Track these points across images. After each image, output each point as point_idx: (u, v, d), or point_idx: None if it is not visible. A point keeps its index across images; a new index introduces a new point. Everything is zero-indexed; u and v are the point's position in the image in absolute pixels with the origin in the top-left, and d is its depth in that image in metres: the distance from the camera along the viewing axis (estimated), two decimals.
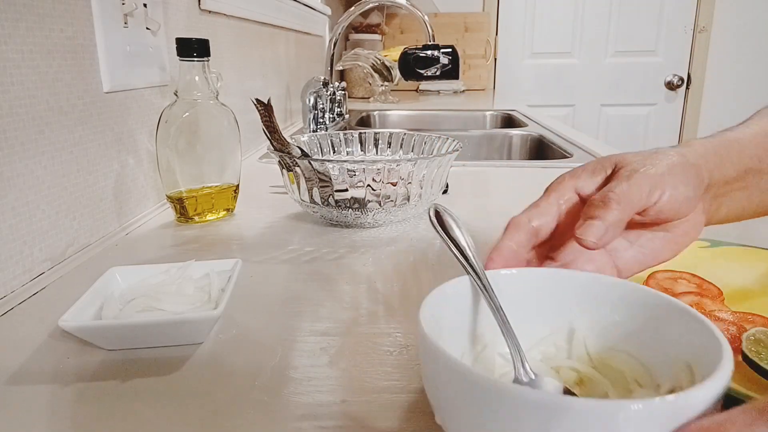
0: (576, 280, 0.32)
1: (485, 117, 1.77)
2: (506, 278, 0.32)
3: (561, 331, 0.32)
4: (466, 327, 0.31)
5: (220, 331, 0.39)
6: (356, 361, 0.36)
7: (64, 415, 0.31)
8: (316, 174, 0.58)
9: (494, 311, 0.30)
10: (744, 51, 2.64)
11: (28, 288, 0.46)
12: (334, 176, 0.58)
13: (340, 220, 0.62)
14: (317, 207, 0.61)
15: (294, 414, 0.30)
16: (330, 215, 0.62)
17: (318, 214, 0.63)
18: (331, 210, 0.60)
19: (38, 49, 0.48)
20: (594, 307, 0.31)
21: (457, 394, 0.24)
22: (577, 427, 0.20)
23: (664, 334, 0.28)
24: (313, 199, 0.60)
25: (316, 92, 1.23)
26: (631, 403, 0.20)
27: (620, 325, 0.30)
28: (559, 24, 2.70)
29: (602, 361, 0.31)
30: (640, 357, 0.29)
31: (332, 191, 0.59)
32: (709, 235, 0.59)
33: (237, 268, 0.44)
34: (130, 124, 0.63)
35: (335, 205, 0.60)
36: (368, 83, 2.07)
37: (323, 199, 0.60)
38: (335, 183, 0.59)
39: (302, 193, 0.61)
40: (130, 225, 0.63)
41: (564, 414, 0.20)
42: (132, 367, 0.35)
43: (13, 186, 0.45)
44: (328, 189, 0.59)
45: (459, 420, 0.24)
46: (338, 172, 0.58)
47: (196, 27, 0.82)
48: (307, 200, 0.61)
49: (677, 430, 0.20)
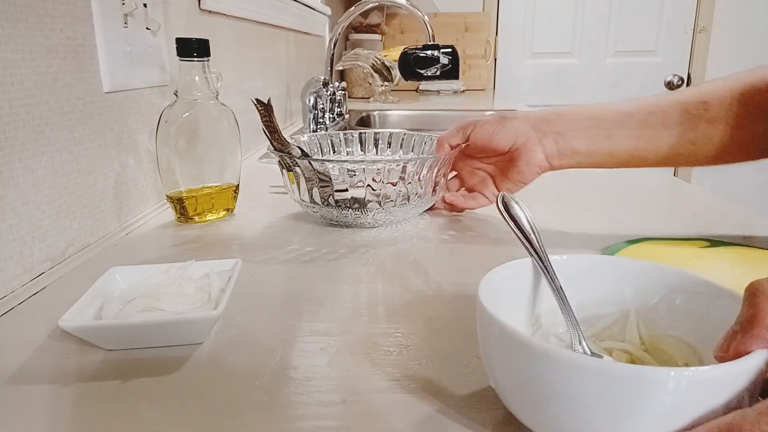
0: (626, 266, 0.34)
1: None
2: (560, 264, 0.33)
3: (613, 315, 0.33)
4: (523, 306, 0.33)
5: (220, 331, 0.39)
6: (356, 361, 0.36)
7: (64, 415, 0.31)
8: (316, 174, 0.58)
9: (555, 291, 0.32)
10: (744, 51, 2.64)
11: (28, 288, 0.46)
12: (334, 176, 0.58)
13: (340, 220, 0.62)
14: (317, 207, 0.61)
15: (294, 414, 0.30)
16: (330, 215, 0.61)
17: (318, 215, 0.63)
18: (331, 210, 0.60)
19: (38, 49, 0.48)
20: (644, 291, 0.32)
21: (510, 359, 0.26)
22: (624, 389, 0.22)
23: (712, 318, 0.29)
24: (313, 199, 0.60)
25: (316, 92, 1.23)
26: (684, 370, 0.22)
27: (669, 309, 0.31)
28: (559, 24, 2.70)
29: (653, 344, 0.32)
30: (689, 340, 0.30)
31: (332, 191, 0.59)
32: (709, 235, 0.59)
33: (237, 268, 0.44)
34: (130, 124, 0.63)
35: (335, 205, 0.59)
36: (368, 83, 2.07)
37: (323, 199, 0.59)
38: (335, 183, 0.58)
39: (302, 193, 0.61)
40: (130, 225, 0.63)
41: (615, 377, 0.22)
42: (132, 367, 0.35)
43: (13, 186, 0.45)
44: (328, 189, 0.59)
45: (512, 385, 0.26)
46: (338, 172, 0.58)
47: (196, 27, 0.82)
48: (307, 200, 0.61)
49: (698, 428, 0.22)
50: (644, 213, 0.69)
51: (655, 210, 0.71)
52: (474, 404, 0.31)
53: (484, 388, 0.32)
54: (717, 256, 0.52)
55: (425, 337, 0.39)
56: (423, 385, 0.33)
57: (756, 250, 0.53)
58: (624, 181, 0.84)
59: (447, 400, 0.31)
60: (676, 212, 0.71)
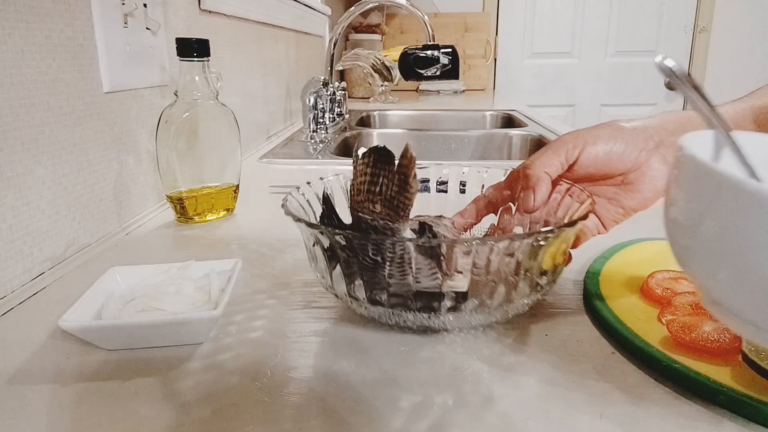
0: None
1: (485, 117, 1.77)
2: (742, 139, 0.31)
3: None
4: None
5: (220, 331, 0.39)
6: (356, 361, 0.36)
7: (64, 415, 0.31)
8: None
9: (736, 153, 0.29)
10: (744, 51, 2.64)
11: (28, 288, 0.46)
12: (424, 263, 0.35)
13: (398, 322, 0.38)
14: (379, 309, 0.37)
15: (294, 414, 0.30)
16: (393, 318, 0.38)
17: (380, 317, 0.38)
18: (403, 314, 0.37)
19: (38, 49, 0.48)
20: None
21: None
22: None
23: None
24: (374, 296, 0.37)
25: (316, 92, 1.23)
26: None
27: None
28: (559, 24, 2.70)
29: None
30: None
31: (439, 281, 0.35)
32: None
33: (237, 268, 0.44)
34: (130, 124, 0.63)
35: (413, 302, 0.36)
36: (368, 83, 2.07)
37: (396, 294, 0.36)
38: (423, 268, 0.35)
39: (336, 282, 0.38)
40: (130, 225, 0.63)
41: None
42: (132, 367, 0.35)
43: (13, 186, 0.45)
44: (436, 276, 0.35)
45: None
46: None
47: (196, 27, 0.82)
48: (363, 297, 0.37)
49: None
50: (644, 213, 0.69)
51: (655, 210, 0.71)
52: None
53: None
54: None
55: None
56: (436, 379, 0.33)
57: None
58: None
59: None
60: None
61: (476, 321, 0.38)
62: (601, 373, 0.34)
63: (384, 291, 0.36)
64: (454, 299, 0.36)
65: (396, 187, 0.35)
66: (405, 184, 0.35)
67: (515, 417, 0.30)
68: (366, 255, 0.35)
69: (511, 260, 0.36)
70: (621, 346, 0.37)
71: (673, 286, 0.43)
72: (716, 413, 0.30)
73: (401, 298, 0.36)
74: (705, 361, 0.34)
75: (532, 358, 0.36)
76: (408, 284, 0.35)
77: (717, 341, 0.34)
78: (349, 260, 0.36)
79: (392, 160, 0.36)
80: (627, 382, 0.33)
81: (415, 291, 0.36)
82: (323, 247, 0.38)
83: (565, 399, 0.32)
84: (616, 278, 0.46)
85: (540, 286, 0.38)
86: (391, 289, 0.36)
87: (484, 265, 0.35)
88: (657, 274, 0.44)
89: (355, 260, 0.36)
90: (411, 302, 0.36)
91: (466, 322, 0.38)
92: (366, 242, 0.35)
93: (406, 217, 0.36)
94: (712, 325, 0.36)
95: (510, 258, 0.36)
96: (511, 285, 0.37)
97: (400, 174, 0.35)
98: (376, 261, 0.35)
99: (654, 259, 0.49)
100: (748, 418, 0.30)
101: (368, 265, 0.35)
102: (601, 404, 0.31)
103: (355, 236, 0.35)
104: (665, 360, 0.33)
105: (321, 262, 0.39)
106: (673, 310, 0.39)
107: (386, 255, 0.35)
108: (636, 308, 0.41)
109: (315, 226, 0.36)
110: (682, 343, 0.35)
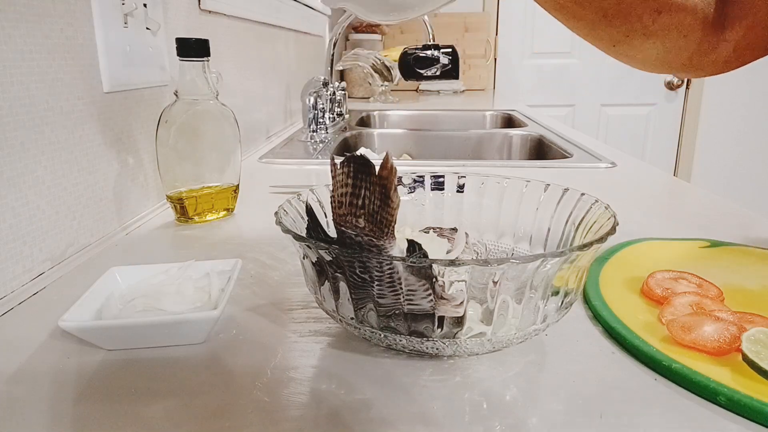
0: None
1: (485, 117, 1.77)
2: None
3: None
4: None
5: (220, 331, 0.39)
6: (356, 361, 0.36)
7: (64, 415, 0.31)
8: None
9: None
10: None
11: (28, 288, 0.46)
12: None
13: (393, 345, 0.36)
14: (375, 331, 0.35)
15: (294, 414, 0.30)
16: (385, 341, 0.35)
17: (374, 339, 0.36)
18: (396, 337, 0.34)
19: (38, 49, 0.48)
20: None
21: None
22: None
23: None
24: (365, 318, 0.35)
25: (316, 92, 1.23)
26: None
27: None
28: (559, 24, 2.69)
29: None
30: None
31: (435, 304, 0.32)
32: (709, 235, 0.59)
33: (237, 268, 0.44)
34: (130, 124, 0.63)
35: (404, 324, 0.34)
36: (368, 83, 2.07)
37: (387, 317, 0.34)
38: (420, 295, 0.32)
39: (343, 307, 0.35)
40: (130, 225, 0.63)
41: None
42: (132, 367, 0.35)
43: (13, 186, 0.45)
44: (429, 297, 0.32)
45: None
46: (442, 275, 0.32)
47: (196, 27, 0.82)
48: (351, 317, 0.35)
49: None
50: (644, 213, 0.69)
51: (655, 210, 0.71)
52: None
53: None
54: (717, 256, 0.52)
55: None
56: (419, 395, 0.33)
57: (756, 250, 0.53)
58: (624, 180, 0.84)
59: None
60: (676, 212, 0.71)
61: (474, 349, 0.35)
62: (601, 373, 0.34)
63: (373, 311, 0.34)
64: (450, 324, 0.33)
65: (378, 201, 0.33)
66: (386, 198, 0.33)
67: (514, 417, 0.30)
68: (354, 273, 0.33)
69: (511, 284, 0.32)
70: (621, 346, 0.37)
71: (673, 286, 0.43)
72: (716, 413, 0.30)
73: (391, 320, 0.33)
74: (705, 361, 0.34)
75: (531, 358, 0.36)
76: (398, 305, 0.33)
77: (717, 341, 0.34)
78: (336, 276, 0.34)
79: (372, 171, 0.33)
80: (627, 382, 0.33)
81: (406, 313, 0.33)
82: (312, 261, 0.36)
83: (565, 399, 0.32)
84: (616, 278, 0.46)
85: (545, 317, 0.34)
86: (381, 310, 0.33)
87: (481, 289, 0.32)
88: (657, 274, 0.44)
89: (342, 277, 0.34)
90: (401, 325, 0.33)
91: (462, 350, 0.35)
92: (353, 260, 0.32)
93: (390, 233, 0.34)
94: (712, 325, 0.36)
95: (511, 282, 0.32)
96: (514, 311, 0.33)
97: (381, 186, 0.33)
98: (365, 279, 0.33)
99: (654, 259, 0.49)
100: (748, 418, 0.30)
101: (356, 283, 0.33)
102: (601, 404, 0.31)
103: (342, 252, 0.33)
104: (665, 360, 0.33)
105: (310, 276, 0.37)
106: (673, 310, 0.39)
107: (374, 274, 0.32)
108: (636, 308, 0.41)
109: (302, 238, 0.34)
110: (682, 343, 0.35)
